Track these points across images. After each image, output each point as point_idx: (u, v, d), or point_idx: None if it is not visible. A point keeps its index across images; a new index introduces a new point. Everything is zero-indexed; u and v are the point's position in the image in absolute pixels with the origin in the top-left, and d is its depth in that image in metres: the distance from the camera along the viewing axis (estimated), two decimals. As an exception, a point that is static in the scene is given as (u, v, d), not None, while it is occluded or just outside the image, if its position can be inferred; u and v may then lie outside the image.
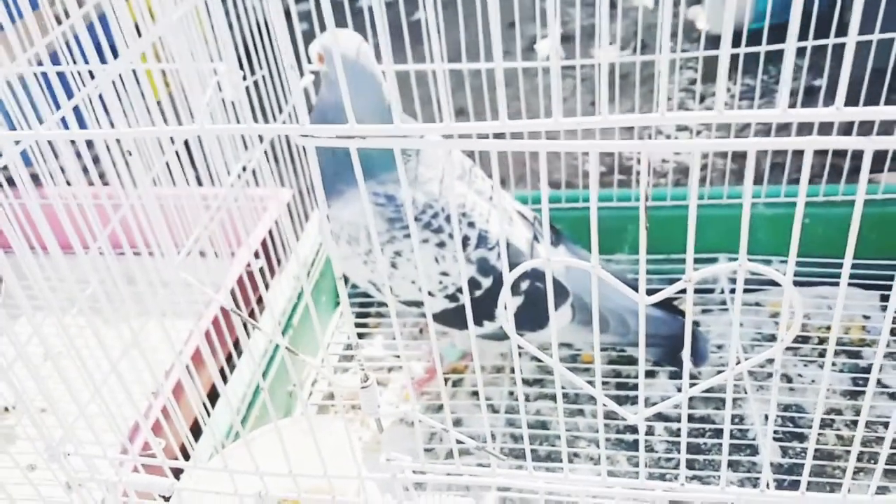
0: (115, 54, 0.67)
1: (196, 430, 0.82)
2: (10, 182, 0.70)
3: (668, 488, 0.58)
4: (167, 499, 0.79)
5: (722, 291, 1.18)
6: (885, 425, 0.99)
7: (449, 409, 1.07)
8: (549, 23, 0.43)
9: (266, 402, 1.01)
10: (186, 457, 0.75)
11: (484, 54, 1.13)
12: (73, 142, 0.65)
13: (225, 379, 0.85)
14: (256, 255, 1.11)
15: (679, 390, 1.06)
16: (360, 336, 1.23)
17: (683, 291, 0.51)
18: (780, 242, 1.13)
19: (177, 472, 0.75)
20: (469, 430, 1.05)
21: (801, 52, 1.01)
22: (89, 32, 0.63)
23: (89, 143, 0.70)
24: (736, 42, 1.12)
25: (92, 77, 0.81)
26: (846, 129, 1.18)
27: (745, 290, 1.19)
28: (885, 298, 1.15)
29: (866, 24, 1.06)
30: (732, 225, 1.15)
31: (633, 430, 1.03)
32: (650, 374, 1.10)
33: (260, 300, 1.15)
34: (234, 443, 0.91)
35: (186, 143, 0.98)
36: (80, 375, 0.71)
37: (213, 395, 0.90)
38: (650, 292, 0.51)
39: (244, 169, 1.04)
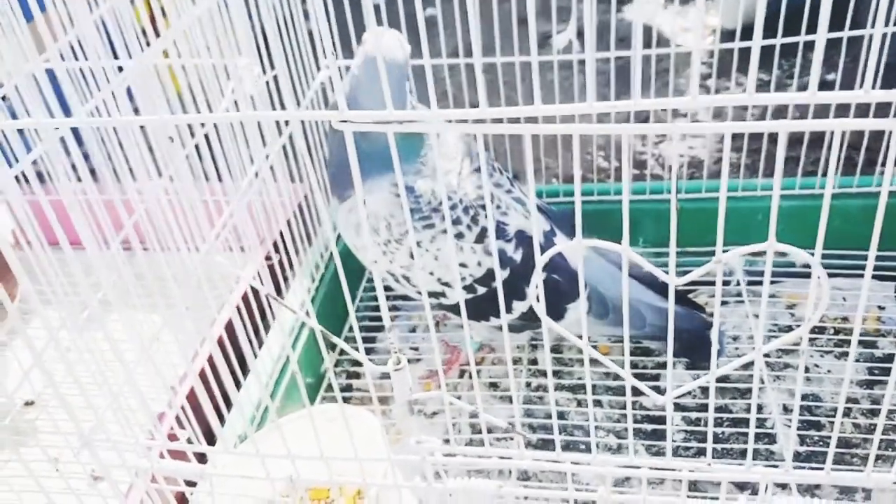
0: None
1: (219, 418, 0.83)
2: (26, 179, 0.71)
3: (694, 468, 0.59)
4: (191, 484, 0.80)
5: (738, 283, 1.19)
6: (901, 414, 1.00)
7: (469, 396, 1.08)
8: (585, 14, 0.44)
9: (288, 393, 1.02)
10: (210, 443, 0.77)
11: (500, 50, 1.14)
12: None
13: (246, 368, 0.86)
14: (276, 249, 1.12)
15: (696, 380, 1.08)
16: (378, 329, 1.24)
17: (709, 284, 0.52)
18: (795, 234, 1.13)
19: (199, 458, 0.76)
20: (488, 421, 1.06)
21: (812, 45, 1.01)
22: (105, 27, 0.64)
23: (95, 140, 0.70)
24: (747, 36, 1.13)
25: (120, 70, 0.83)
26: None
27: (761, 283, 1.20)
28: (900, 289, 1.16)
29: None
30: (746, 218, 1.16)
31: (651, 419, 1.03)
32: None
33: (278, 292, 1.16)
34: (260, 430, 0.92)
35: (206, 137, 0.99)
36: (108, 366, 0.72)
37: (238, 384, 0.91)
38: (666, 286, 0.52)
39: (258, 172, 1.05)
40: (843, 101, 0.43)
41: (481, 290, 0.99)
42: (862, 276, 1.17)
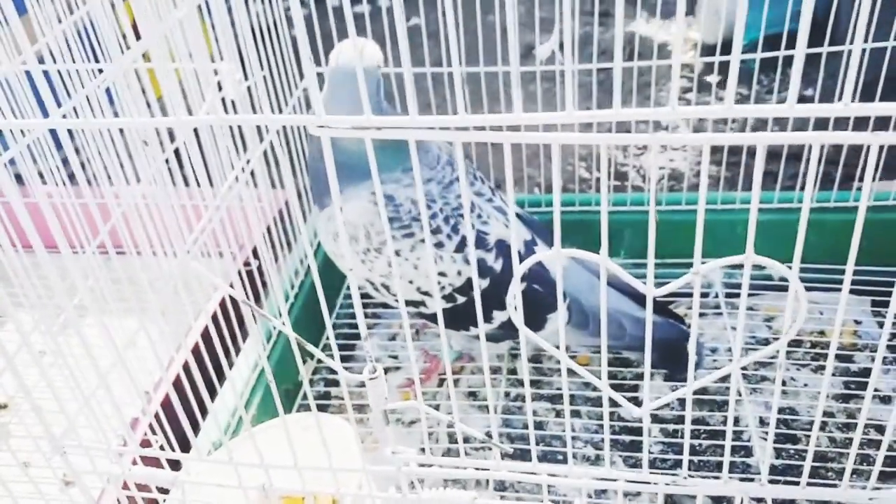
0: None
1: (194, 425, 0.82)
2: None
3: (670, 481, 0.59)
4: (164, 491, 0.79)
5: (716, 296, 1.19)
6: (877, 428, 1.00)
7: (448, 406, 1.07)
8: (565, 22, 0.44)
9: (263, 402, 1.01)
10: (184, 450, 0.76)
11: (483, 60, 1.14)
12: (72, 138, 0.66)
13: (223, 374, 0.85)
14: (255, 255, 1.11)
15: (674, 391, 1.08)
16: (358, 336, 1.23)
17: (688, 296, 0.52)
18: (773, 248, 1.13)
19: (172, 465, 0.75)
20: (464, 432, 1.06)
21: (791, 61, 1.02)
22: (87, 31, 0.64)
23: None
24: (728, 51, 1.13)
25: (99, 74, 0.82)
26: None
27: (739, 295, 1.21)
28: (876, 304, 1.16)
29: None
30: (726, 231, 1.17)
31: (630, 431, 1.03)
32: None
33: (258, 300, 1.15)
34: (234, 437, 0.91)
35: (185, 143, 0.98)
36: (81, 371, 0.71)
37: (213, 392, 0.90)
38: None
39: (242, 170, 1.04)
40: (823, 114, 0.44)
41: (461, 299, 0.99)
42: (839, 290, 1.17)
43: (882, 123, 0.91)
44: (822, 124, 1.24)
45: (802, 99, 1.52)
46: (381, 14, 1.09)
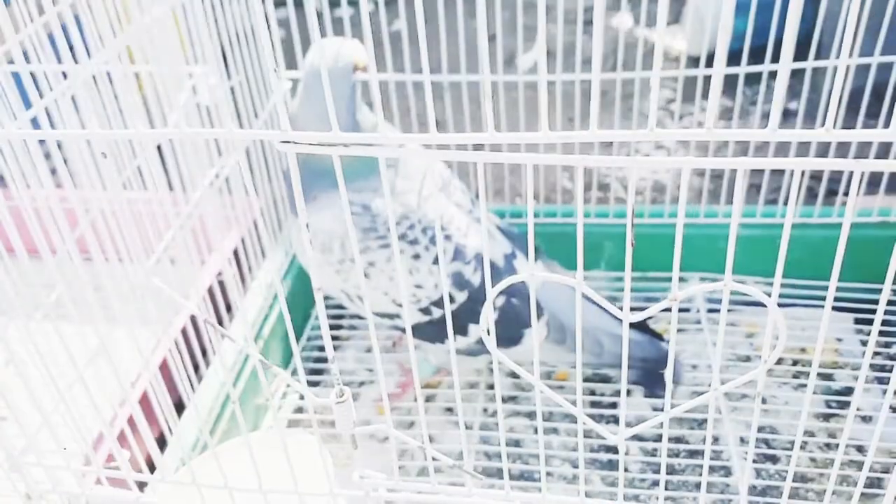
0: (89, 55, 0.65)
1: (161, 443, 0.80)
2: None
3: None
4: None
5: (697, 311, 1.18)
6: (858, 448, 0.99)
7: (423, 424, 1.05)
8: (538, 36, 0.42)
9: (235, 415, 0.99)
10: (151, 469, 0.73)
11: (465, 67, 1.13)
12: (42, 142, 0.64)
13: (193, 387, 0.83)
14: (230, 263, 1.09)
15: (654, 409, 1.06)
16: (334, 347, 1.21)
17: (668, 310, 0.51)
18: (754, 263, 1.13)
19: (140, 485, 0.73)
20: (442, 447, 1.03)
21: (775, 74, 1.01)
22: (63, 31, 0.61)
23: (58, 145, 0.68)
24: (713, 62, 1.12)
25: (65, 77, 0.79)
26: (823, 151, 1.19)
27: (720, 311, 1.19)
28: (858, 321, 1.15)
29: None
30: (706, 244, 1.16)
31: (608, 449, 1.02)
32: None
33: (229, 309, 1.13)
34: (201, 456, 0.89)
35: (159, 147, 0.96)
36: (44, 383, 0.68)
37: (180, 408, 0.87)
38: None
39: (217, 176, 1.02)
40: (806, 139, 0.42)
41: (438, 312, 0.97)
42: (821, 306, 1.16)
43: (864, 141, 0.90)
44: (804, 143, 1.23)
45: (786, 112, 1.51)
46: (360, 17, 1.07)
